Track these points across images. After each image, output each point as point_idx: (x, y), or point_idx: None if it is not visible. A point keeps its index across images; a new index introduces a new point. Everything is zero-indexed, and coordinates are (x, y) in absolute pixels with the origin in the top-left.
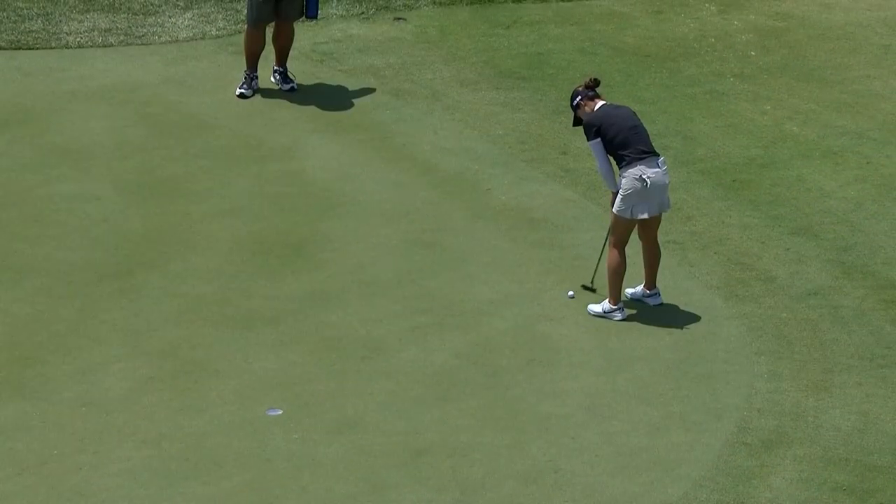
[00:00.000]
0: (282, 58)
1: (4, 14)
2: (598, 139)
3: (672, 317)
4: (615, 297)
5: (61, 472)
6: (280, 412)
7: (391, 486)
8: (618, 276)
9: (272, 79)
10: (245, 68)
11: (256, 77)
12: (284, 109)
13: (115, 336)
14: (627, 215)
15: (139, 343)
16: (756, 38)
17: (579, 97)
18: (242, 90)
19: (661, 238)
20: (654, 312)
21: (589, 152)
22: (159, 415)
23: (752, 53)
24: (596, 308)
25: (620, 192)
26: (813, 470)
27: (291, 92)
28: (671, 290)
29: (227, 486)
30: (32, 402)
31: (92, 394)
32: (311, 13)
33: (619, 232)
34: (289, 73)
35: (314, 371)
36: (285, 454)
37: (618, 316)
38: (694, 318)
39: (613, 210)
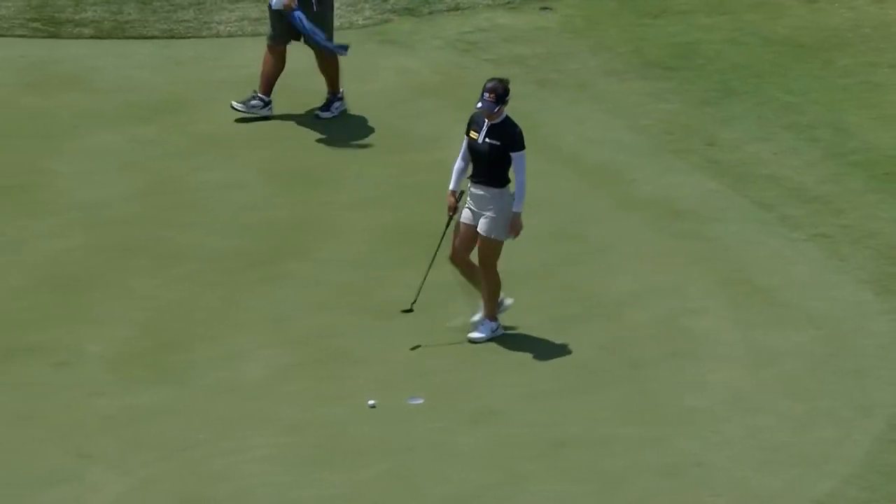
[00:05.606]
0: (328, 83)
1: (159, 4)
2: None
3: (820, 311)
4: (492, 311)
5: (205, 456)
6: (421, 401)
7: (531, 477)
8: (497, 294)
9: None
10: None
11: (270, 103)
12: (429, 99)
13: (259, 323)
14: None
15: (282, 330)
16: None
17: (508, 97)
18: (249, 110)
19: (811, 231)
20: (801, 307)
21: (734, 145)
22: (300, 402)
23: None
24: (479, 335)
25: (506, 218)
26: None
27: (323, 120)
28: (819, 284)
29: (368, 474)
30: (178, 388)
31: (235, 380)
32: (337, 48)
33: (498, 255)
34: (333, 104)
35: (453, 361)
36: (426, 443)
37: (497, 326)
38: (843, 313)
39: (499, 237)
